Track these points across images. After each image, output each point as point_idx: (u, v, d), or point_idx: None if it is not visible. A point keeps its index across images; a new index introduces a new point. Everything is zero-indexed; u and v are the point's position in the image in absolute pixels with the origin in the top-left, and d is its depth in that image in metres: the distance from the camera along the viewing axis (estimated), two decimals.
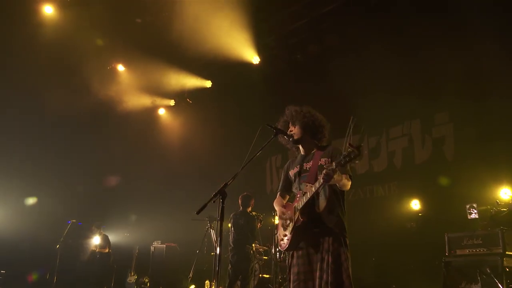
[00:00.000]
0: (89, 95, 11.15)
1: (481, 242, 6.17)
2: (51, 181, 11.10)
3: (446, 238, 6.65)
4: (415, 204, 8.71)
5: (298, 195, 3.90)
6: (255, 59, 10.64)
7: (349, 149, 3.28)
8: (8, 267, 10.26)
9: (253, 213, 8.03)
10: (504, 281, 5.59)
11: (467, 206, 7.02)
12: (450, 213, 7.82)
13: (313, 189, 3.72)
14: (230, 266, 7.76)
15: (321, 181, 3.56)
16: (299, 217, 3.79)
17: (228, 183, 3.73)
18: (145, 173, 12.42)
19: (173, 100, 12.96)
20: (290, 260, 3.90)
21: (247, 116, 10.94)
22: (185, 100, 12.76)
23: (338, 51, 9.92)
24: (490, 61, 7.54)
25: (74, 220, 9.74)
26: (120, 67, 11.83)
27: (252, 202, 8.04)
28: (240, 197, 8.07)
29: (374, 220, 9.13)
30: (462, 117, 8.33)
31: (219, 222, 3.67)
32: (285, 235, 3.94)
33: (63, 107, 10.41)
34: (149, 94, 12.33)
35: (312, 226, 3.79)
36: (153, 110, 13.10)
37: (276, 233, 4.23)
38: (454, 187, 8.03)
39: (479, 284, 5.80)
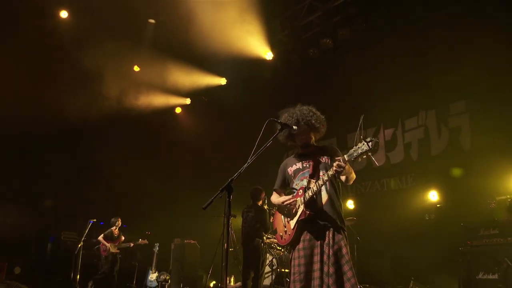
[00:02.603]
0: (106, 97, 11.36)
1: (497, 232, 6.10)
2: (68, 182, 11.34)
3: (462, 228, 6.58)
4: (432, 196, 8.62)
5: (301, 190, 3.96)
6: (268, 55, 10.64)
7: (362, 143, 3.40)
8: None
9: (265, 207, 7.98)
10: None
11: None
12: (469, 204, 7.73)
13: (320, 181, 3.81)
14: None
15: (333, 172, 3.65)
16: (304, 210, 3.86)
17: (234, 178, 3.77)
18: (165, 171, 12.55)
19: (189, 99, 13.07)
20: (292, 253, 3.96)
21: (263, 112, 10.95)
22: (200, 98, 12.86)
23: (352, 43, 9.85)
24: (506, 49, 7.39)
25: (95, 220, 9.89)
26: (136, 68, 11.98)
27: (263, 195, 7.93)
28: (250, 190, 8.05)
29: (391, 213, 9.07)
30: (478, 107, 8.19)
31: (226, 217, 3.73)
32: (286, 231, 4.02)
33: (83, 109, 10.61)
34: (164, 93, 12.45)
35: (315, 220, 3.85)
36: (171, 108, 13.22)
37: (274, 229, 4.26)
38: (471, 178, 7.92)
39: (497, 275, 5.73)
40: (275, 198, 4.30)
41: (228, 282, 9.55)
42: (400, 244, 8.47)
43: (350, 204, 9.88)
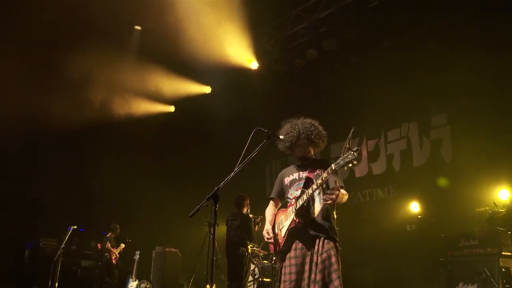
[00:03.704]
0: (90, 103, 11.27)
1: (477, 243, 6.22)
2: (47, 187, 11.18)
3: (443, 239, 6.69)
4: (414, 207, 8.74)
5: (293, 200, 4.01)
6: (253, 64, 10.67)
7: (348, 153, 3.45)
8: None
9: (250, 215, 7.94)
10: (500, 281, 5.62)
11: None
12: (449, 215, 7.87)
13: (309, 190, 3.85)
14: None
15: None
16: (294, 218, 3.90)
17: (221, 187, 3.77)
18: (147, 178, 12.46)
19: (173, 106, 13.02)
20: (281, 262, 3.98)
21: (248, 121, 10.98)
22: (186, 106, 12.82)
23: (337, 54, 9.95)
24: (487, 63, 7.55)
25: (75, 226, 9.73)
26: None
27: (247, 202, 7.89)
28: (234, 198, 7.98)
29: (374, 223, 9.15)
30: (459, 119, 8.35)
31: (212, 225, 3.75)
32: (277, 239, 4.06)
33: (67, 114, 10.49)
34: (148, 100, 12.38)
35: (306, 229, 3.88)
36: (155, 115, 13.13)
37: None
38: (452, 189, 8.07)
39: (476, 285, 5.83)
40: (268, 212, 4.36)
41: None
42: (382, 255, 8.55)
43: None
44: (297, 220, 3.88)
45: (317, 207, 3.94)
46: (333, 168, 3.61)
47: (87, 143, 11.79)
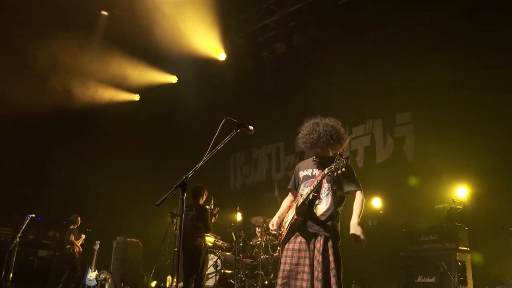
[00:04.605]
0: (52, 89, 10.94)
1: (436, 238, 6.42)
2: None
3: (404, 234, 6.87)
4: (376, 202, 8.90)
5: (299, 195, 4.12)
6: (221, 55, 10.61)
7: (340, 160, 3.69)
8: None
9: (207, 206, 7.83)
10: (456, 274, 5.83)
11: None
12: (410, 211, 8.04)
13: (311, 187, 3.94)
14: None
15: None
16: (295, 215, 3.99)
17: (189, 176, 3.72)
18: (109, 167, 12.24)
19: (137, 95, 12.81)
20: (282, 253, 4.07)
21: (214, 112, 10.92)
22: (151, 95, 12.64)
23: (305, 49, 10.00)
24: (451, 64, 7.74)
25: (33, 215, 9.42)
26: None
27: (204, 192, 7.69)
28: (192, 189, 7.66)
29: None
30: (422, 119, 8.55)
31: (180, 215, 3.70)
32: (282, 231, 4.18)
33: (27, 99, 10.15)
34: (113, 87, 12.12)
35: (307, 226, 3.95)
36: (118, 103, 12.89)
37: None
38: (413, 186, 8.24)
39: (434, 278, 6.02)
40: (283, 203, 4.41)
41: (170, 282, 9.41)
42: (343, 249, 8.62)
43: None
44: (295, 217, 3.97)
45: (322, 207, 4.00)
46: (326, 172, 3.79)
47: (47, 130, 11.45)
